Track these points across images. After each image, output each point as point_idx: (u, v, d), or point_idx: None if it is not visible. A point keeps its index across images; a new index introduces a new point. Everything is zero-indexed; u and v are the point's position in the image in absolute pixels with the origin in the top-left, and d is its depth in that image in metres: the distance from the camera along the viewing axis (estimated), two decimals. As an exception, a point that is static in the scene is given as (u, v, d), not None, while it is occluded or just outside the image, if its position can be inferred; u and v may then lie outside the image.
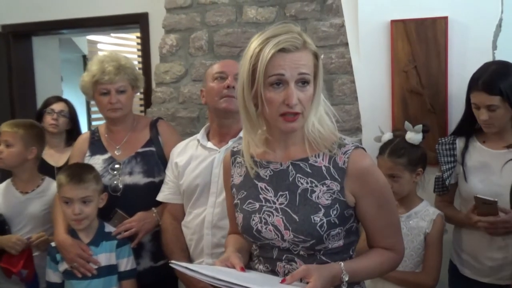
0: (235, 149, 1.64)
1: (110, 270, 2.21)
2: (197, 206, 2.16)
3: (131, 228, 2.27)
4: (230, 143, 2.09)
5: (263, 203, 1.50)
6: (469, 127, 2.25)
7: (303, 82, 1.41)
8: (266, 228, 1.47)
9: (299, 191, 1.47)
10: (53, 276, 2.24)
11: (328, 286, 1.36)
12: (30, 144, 2.54)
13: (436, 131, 2.54)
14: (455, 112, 2.43)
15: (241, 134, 2.08)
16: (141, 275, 2.31)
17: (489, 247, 2.17)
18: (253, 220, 1.49)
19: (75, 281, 2.18)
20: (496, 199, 2.03)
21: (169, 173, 2.27)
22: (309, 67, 1.42)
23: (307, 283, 1.32)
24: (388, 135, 2.34)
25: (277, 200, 1.48)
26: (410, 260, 2.18)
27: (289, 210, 1.46)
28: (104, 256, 2.21)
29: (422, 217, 2.21)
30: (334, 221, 1.44)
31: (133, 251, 2.29)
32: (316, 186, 1.46)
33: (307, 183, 1.47)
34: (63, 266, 2.20)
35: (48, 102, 3.25)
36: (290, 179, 1.49)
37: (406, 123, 2.29)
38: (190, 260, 2.19)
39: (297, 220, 1.44)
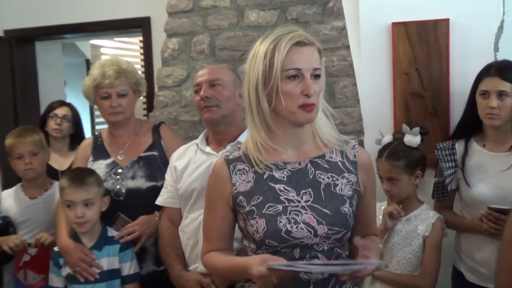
0: (230, 157, 1.60)
1: (113, 274, 2.21)
2: (194, 210, 2.14)
3: (133, 232, 2.28)
4: (228, 147, 2.08)
5: (287, 204, 1.50)
6: (468, 129, 2.24)
7: (315, 76, 1.49)
8: (297, 227, 1.47)
9: (322, 186, 1.52)
10: (56, 281, 2.24)
11: None
12: (45, 147, 2.63)
13: (438, 133, 2.53)
14: (457, 114, 2.42)
15: (239, 138, 2.10)
16: (144, 279, 2.31)
17: (497, 251, 2.14)
18: (280, 222, 1.48)
19: (78, 285, 2.18)
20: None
21: (168, 177, 2.26)
22: (319, 63, 1.51)
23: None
24: (387, 138, 2.33)
25: (301, 198, 1.51)
26: (408, 263, 2.18)
27: (317, 206, 1.50)
28: (107, 260, 2.22)
29: (421, 220, 2.20)
30: (354, 211, 1.54)
31: (136, 255, 2.29)
32: (337, 179, 1.54)
33: (328, 178, 1.54)
34: (66, 271, 2.21)
35: (51, 107, 3.26)
36: (311, 176, 1.53)
37: (404, 125, 2.28)
38: (185, 265, 2.18)
39: (329, 213, 1.49)
